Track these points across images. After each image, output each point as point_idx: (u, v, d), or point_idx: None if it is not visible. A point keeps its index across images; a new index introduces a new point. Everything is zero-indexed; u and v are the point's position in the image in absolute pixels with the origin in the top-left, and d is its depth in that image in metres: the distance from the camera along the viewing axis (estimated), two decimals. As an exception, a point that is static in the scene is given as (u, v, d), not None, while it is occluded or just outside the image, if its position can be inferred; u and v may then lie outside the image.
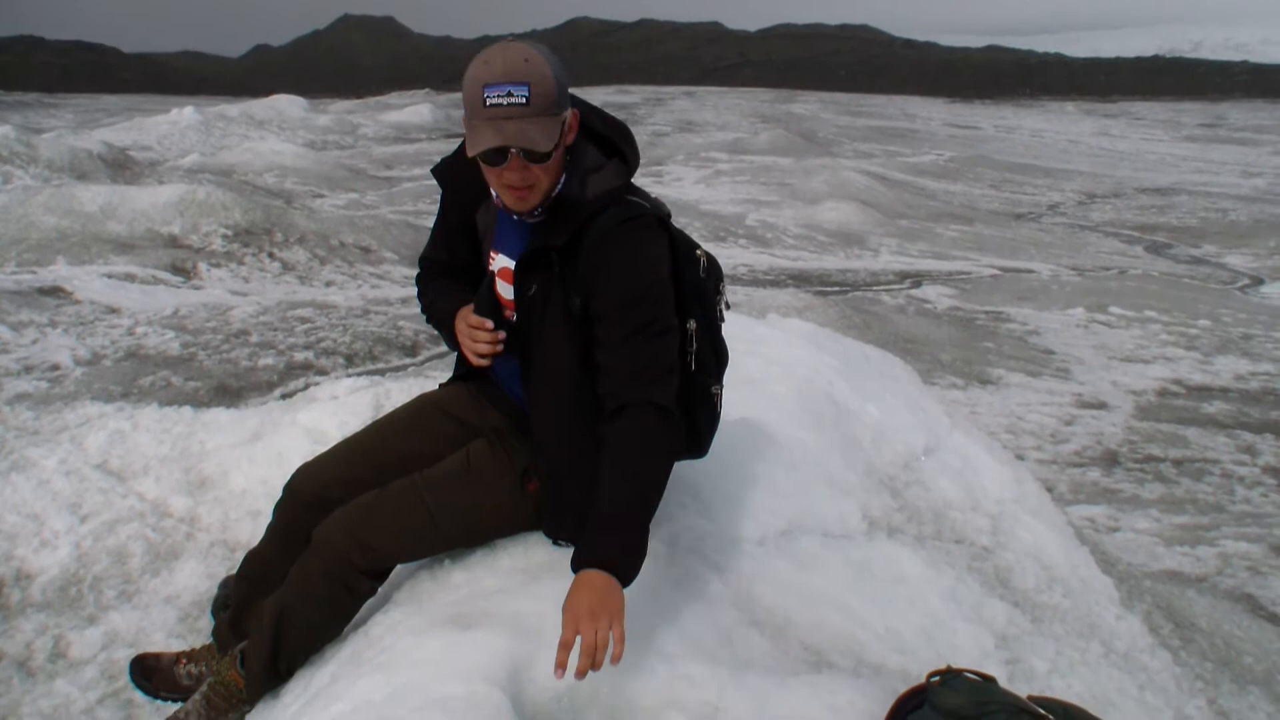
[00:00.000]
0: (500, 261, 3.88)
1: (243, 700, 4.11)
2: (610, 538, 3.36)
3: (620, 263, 3.59)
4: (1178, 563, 12.30)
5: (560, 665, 3.10)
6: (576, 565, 3.31)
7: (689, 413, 3.93)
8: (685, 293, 3.80)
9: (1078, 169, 70.10)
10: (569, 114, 3.56)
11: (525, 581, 3.65)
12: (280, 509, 4.29)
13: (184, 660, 4.53)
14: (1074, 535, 6.11)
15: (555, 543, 3.93)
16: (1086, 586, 5.51)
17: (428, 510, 3.91)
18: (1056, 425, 18.27)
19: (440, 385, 4.48)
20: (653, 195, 3.80)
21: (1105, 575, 5.75)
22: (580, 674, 3.09)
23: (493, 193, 3.72)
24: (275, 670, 4.01)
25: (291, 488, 4.25)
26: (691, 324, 3.84)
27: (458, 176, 3.92)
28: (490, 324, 3.83)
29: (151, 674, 4.52)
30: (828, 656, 3.90)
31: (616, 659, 3.15)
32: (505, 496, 3.98)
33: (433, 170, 4.01)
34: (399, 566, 4.14)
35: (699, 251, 3.90)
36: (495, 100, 3.37)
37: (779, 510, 4.67)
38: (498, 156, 3.45)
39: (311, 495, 4.14)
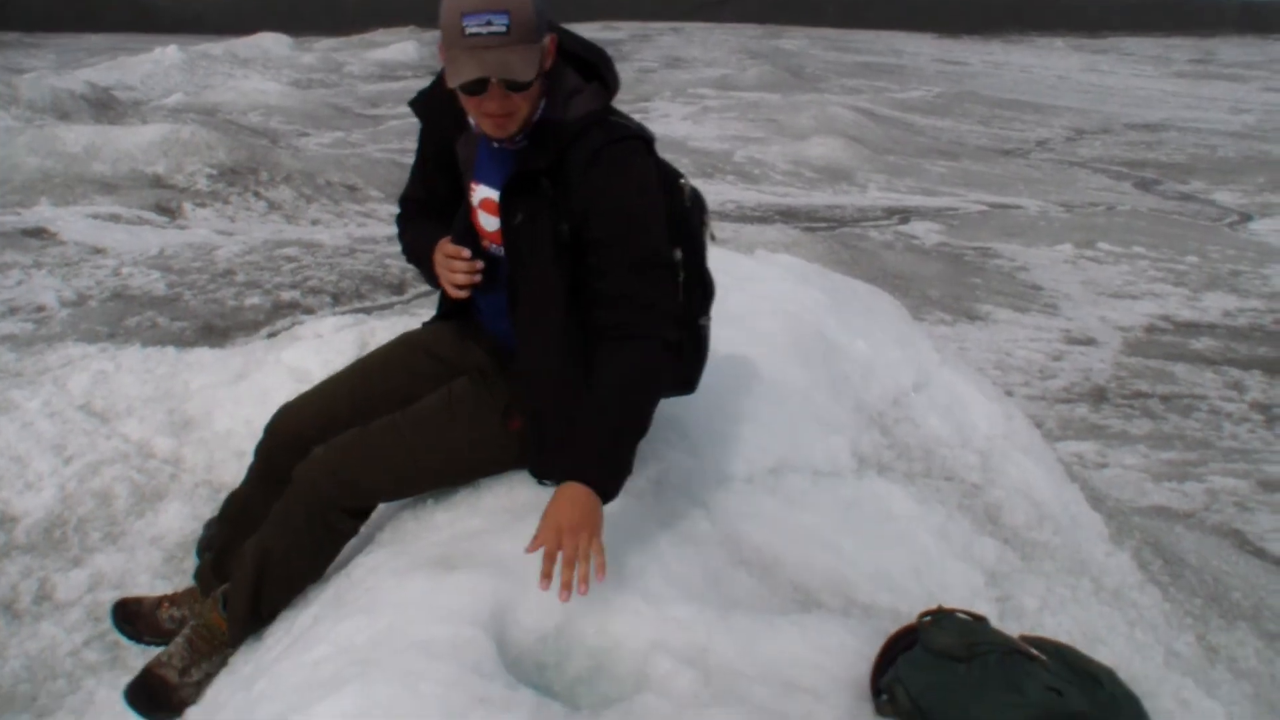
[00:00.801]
0: (482, 192, 3.80)
1: (225, 643, 4.09)
2: (594, 454, 3.38)
3: (614, 185, 3.54)
4: (1166, 498, 12.32)
5: (546, 576, 3.12)
6: (557, 477, 3.34)
7: (677, 346, 3.87)
8: (671, 222, 3.74)
9: (1066, 105, 69.83)
10: (548, 40, 3.50)
11: (509, 521, 3.61)
12: (261, 449, 4.26)
13: (166, 604, 4.51)
14: (1063, 472, 6.10)
15: (541, 482, 3.88)
16: (1076, 523, 5.50)
17: (409, 448, 3.87)
18: (1044, 361, 18.27)
19: (423, 323, 4.43)
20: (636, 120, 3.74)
21: (1094, 512, 5.74)
22: (565, 586, 3.11)
23: (472, 122, 3.66)
24: (257, 612, 3.98)
25: (272, 428, 4.22)
26: (678, 254, 3.78)
27: (436, 108, 3.86)
28: (467, 252, 3.76)
29: (134, 618, 4.50)
30: (817, 596, 3.87)
31: (600, 574, 3.18)
32: (488, 435, 3.92)
33: (410, 103, 3.94)
34: (381, 506, 4.11)
35: (682, 180, 3.86)
36: (475, 29, 3.31)
37: (767, 447, 4.64)
38: (478, 87, 3.39)
39: (292, 435, 4.11)
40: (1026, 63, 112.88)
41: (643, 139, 3.64)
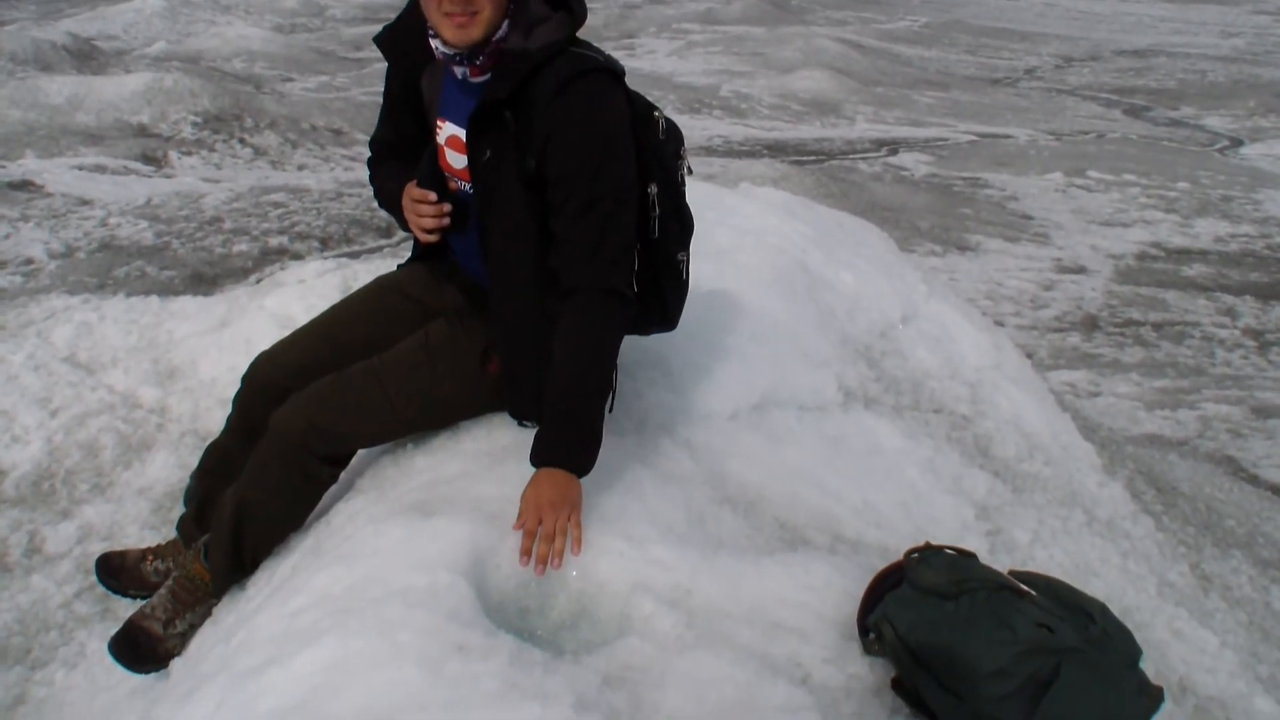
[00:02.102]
0: (448, 130, 3.75)
1: (208, 594, 4.08)
2: (564, 434, 3.43)
3: (577, 119, 3.48)
4: (1158, 426, 12.33)
5: (525, 552, 3.18)
6: (534, 462, 3.37)
7: (655, 281, 3.85)
8: (645, 156, 3.68)
9: (1054, 32, 69.59)
10: None
11: (489, 465, 3.59)
12: (239, 399, 4.23)
13: (150, 557, 4.50)
14: (1054, 402, 6.08)
15: (520, 423, 3.86)
16: (1068, 454, 5.48)
17: (386, 393, 3.83)
18: (1036, 290, 18.26)
19: (399, 265, 4.39)
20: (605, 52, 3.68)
21: (1086, 442, 5.72)
22: (541, 560, 3.17)
23: (436, 48, 3.58)
24: (239, 561, 3.97)
25: (249, 376, 4.18)
26: (653, 189, 3.73)
27: (401, 43, 3.82)
28: (433, 196, 3.71)
29: (118, 572, 4.49)
30: (803, 533, 3.85)
31: (576, 549, 3.23)
32: (466, 377, 3.89)
33: (375, 39, 3.91)
34: (360, 452, 4.08)
35: (656, 114, 3.78)
36: None
37: (751, 383, 4.60)
38: None
39: (269, 383, 4.08)
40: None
41: (611, 71, 3.58)
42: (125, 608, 4.48)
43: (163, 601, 4.12)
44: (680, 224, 3.92)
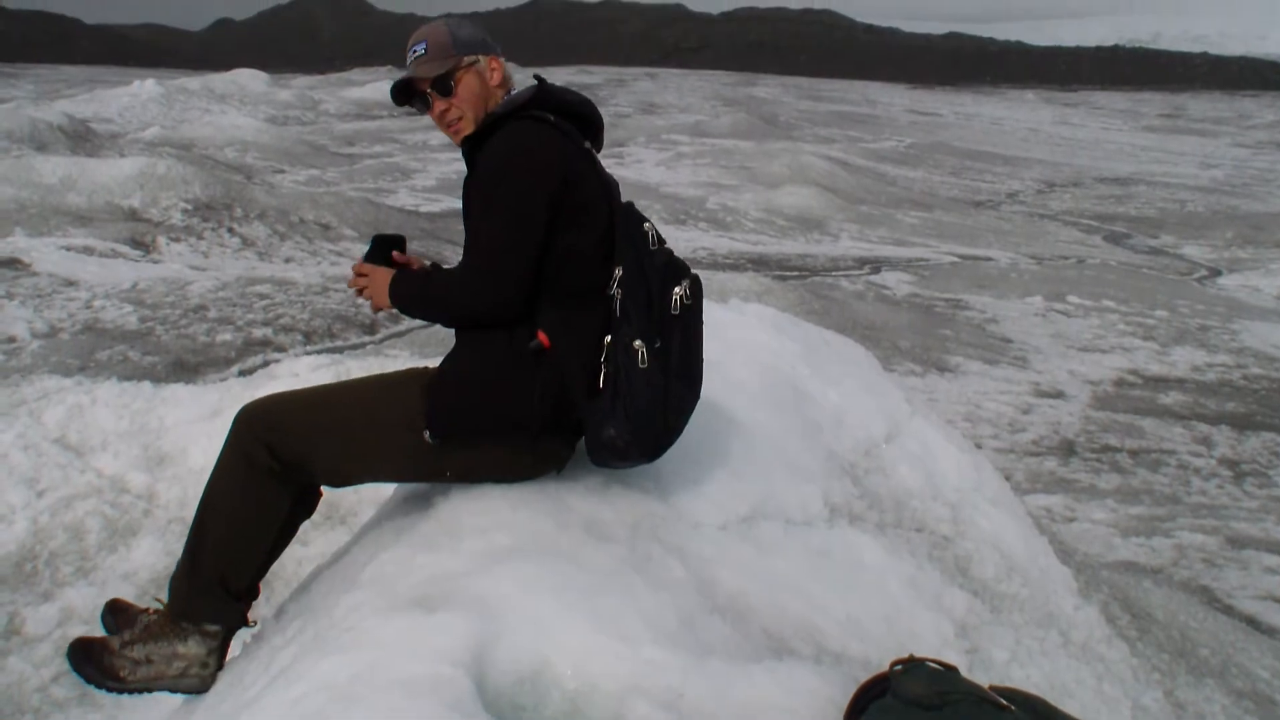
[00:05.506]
0: None
1: (173, 633, 4.08)
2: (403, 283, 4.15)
3: (489, 153, 4.03)
4: (1134, 553, 12.38)
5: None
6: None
7: (609, 361, 4.03)
8: (616, 235, 4.09)
9: (1037, 157, 70.32)
10: (480, 59, 4.24)
11: (488, 564, 3.63)
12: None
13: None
14: (1032, 524, 6.14)
15: (431, 438, 4.05)
16: (1045, 576, 5.53)
17: (329, 390, 4.29)
18: (1014, 414, 18.35)
19: None
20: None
21: (1064, 565, 5.78)
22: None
23: None
24: (197, 569, 4.05)
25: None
26: (618, 271, 4.04)
27: None
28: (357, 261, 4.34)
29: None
30: (789, 643, 3.90)
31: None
32: (403, 394, 4.12)
33: None
34: (359, 547, 4.13)
35: (648, 226, 4.22)
36: (409, 59, 4.22)
37: (741, 494, 4.67)
38: (403, 94, 4.31)
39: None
40: (998, 115, 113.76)
41: (536, 119, 4.07)
42: (103, 696, 4.47)
43: (136, 626, 4.15)
44: (648, 310, 4.06)
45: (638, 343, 4.00)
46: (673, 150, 57.36)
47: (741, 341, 6.47)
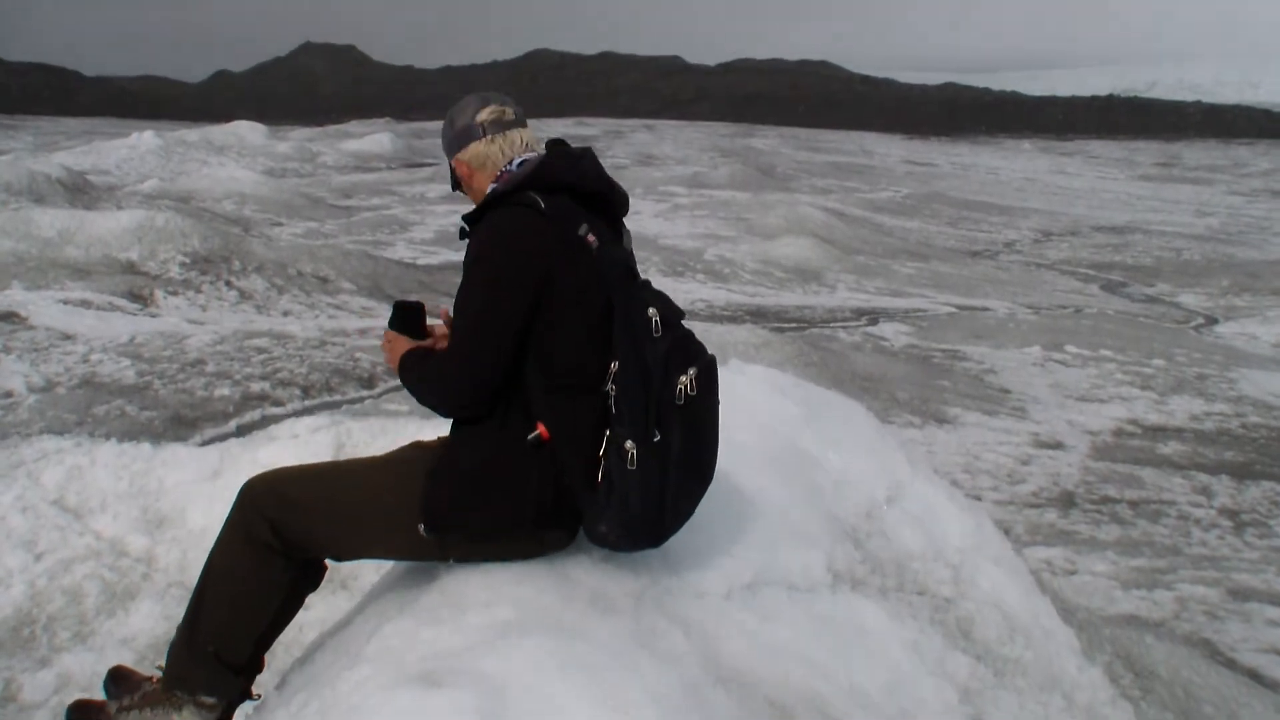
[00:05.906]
0: None
1: (170, 702, 4.07)
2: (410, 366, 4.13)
3: (476, 235, 4.02)
4: (1135, 606, 12.33)
5: None
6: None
7: (607, 456, 3.96)
8: (615, 325, 3.96)
9: (1034, 207, 70.53)
10: (453, 162, 4.37)
11: (492, 639, 3.62)
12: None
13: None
14: (1034, 583, 6.12)
15: (427, 531, 4.03)
16: (1048, 637, 5.52)
17: (334, 466, 4.32)
18: (1013, 465, 18.31)
19: None
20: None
21: (1066, 625, 5.76)
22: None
23: None
24: (193, 639, 4.05)
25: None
26: (614, 365, 3.94)
27: None
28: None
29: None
30: (793, 713, 3.88)
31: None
32: (404, 477, 4.08)
33: None
34: (362, 620, 4.12)
35: (652, 312, 4.00)
36: None
37: (745, 561, 4.66)
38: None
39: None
40: (994, 164, 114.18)
41: (525, 205, 3.98)
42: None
43: (135, 693, 4.15)
44: (644, 414, 3.92)
45: (629, 443, 3.91)
46: (670, 202, 57.49)
47: (743, 405, 6.46)
